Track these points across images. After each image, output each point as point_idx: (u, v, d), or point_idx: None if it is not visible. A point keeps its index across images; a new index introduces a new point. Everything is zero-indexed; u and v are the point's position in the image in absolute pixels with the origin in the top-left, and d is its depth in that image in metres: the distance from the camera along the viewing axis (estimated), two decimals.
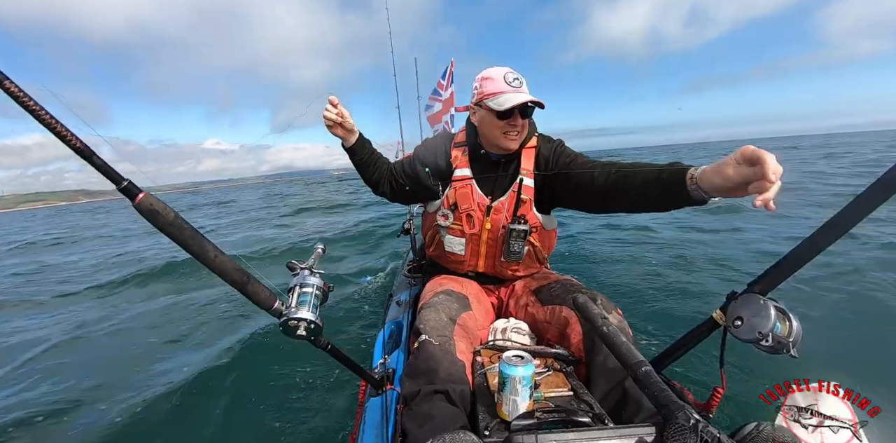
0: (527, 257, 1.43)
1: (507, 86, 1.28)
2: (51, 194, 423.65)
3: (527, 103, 1.25)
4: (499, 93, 1.28)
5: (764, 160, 0.72)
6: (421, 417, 0.92)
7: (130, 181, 0.67)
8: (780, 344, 0.81)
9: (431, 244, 1.57)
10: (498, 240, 1.40)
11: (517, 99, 1.25)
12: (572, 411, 0.88)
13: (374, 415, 1.15)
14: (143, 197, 0.68)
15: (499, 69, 1.32)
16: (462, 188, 1.41)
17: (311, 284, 0.91)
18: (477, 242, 1.43)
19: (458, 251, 1.46)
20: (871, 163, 13.48)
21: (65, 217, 31.69)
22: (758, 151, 0.74)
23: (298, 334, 0.87)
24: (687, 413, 0.67)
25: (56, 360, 3.03)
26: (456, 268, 1.53)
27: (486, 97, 1.31)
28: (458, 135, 1.51)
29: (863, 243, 4.34)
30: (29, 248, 11.21)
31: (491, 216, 1.38)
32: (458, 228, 1.42)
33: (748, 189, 0.76)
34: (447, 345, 1.10)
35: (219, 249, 0.79)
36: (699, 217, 6.38)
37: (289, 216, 12.37)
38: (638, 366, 0.79)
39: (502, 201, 1.38)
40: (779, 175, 0.72)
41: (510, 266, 1.45)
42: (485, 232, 1.40)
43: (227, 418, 2.11)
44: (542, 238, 1.44)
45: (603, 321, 0.93)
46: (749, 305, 0.86)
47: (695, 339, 1.02)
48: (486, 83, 1.32)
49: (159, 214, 0.71)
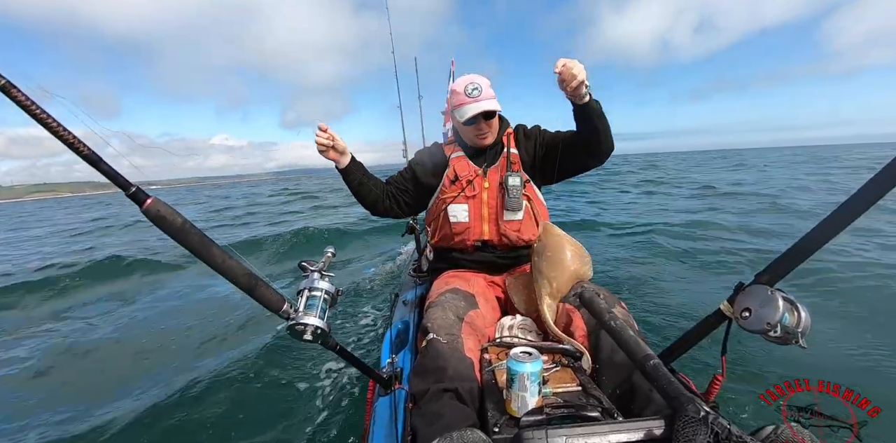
0: (526, 217, 1.53)
1: (467, 97, 1.46)
2: (60, 185, 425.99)
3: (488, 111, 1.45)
4: (460, 105, 1.48)
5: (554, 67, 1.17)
6: (430, 415, 0.93)
7: (138, 187, 0.67)
8: (788, 335, 0.81)
9: (436, 228, 1.62)
10: (498, 199, 1.52)
11: (473, 110, 1.44)
12: (581, 405, 0.88)
13: (383, 414, 1.16)
14: (151, 203, 0.69)
15: (463, 80, 1.50)
16: (459, 162, 1.58)
17: (320, 288, 0.92)
18: (479, 204, 1.53)
19: (463, 218, 1.54)
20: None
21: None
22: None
23: (305, 338, 0.88)
24: (697, 405, 0.67)
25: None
26: (463, 241, 1.55)
27: (453, 109, 1.52)
28: (447, 139, 1.72)
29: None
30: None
31: (488, 177, 1.54)
32: (461, 194, 1.54)
33: (562, 81, 1.19)
34: (455, 343, 1.10)
35: (227, 253, 0.80)
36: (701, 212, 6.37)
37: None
38: (646, 359, 0.79)
39: (495, 167, 1.55)
40: (560, 63, 1.15)
41: (513, 227, 1.52)
42: (484, 192, 1.53)
43: (235, 418, 2.12)
44: (536, 202, 1.56)
45: (609, 315, 0.94)
46: (757, 296, 0.86)
47: (703, 331, 1.01)
48: (453, 96, 1.52)
49: (167, 220, 0.71)
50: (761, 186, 10.79)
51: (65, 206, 42.44)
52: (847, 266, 3.65)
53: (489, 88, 1.48)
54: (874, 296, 3.07)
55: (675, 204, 8.70)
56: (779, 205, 7.30)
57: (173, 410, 2.23)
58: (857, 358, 2.29)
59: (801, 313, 0.82)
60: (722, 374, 0.96)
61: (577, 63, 1.16)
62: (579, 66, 1.15)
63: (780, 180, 12.38)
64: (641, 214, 7.26)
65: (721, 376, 0.96)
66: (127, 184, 0.67)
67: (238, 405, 2.24)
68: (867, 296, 3.08)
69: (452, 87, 1.53)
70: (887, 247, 4.26)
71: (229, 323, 3.47)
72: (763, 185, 11.21)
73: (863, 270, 3.57)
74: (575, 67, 1.15)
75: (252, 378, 2.52)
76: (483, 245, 1.56)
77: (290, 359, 2.71)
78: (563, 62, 1.16)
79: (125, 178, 0.66)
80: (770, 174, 15.31)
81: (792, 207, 7.02)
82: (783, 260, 0.86)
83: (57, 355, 3.13)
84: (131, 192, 0.67)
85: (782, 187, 10.13)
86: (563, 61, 1.16)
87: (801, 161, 21.35)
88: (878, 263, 3.73)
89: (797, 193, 9.11)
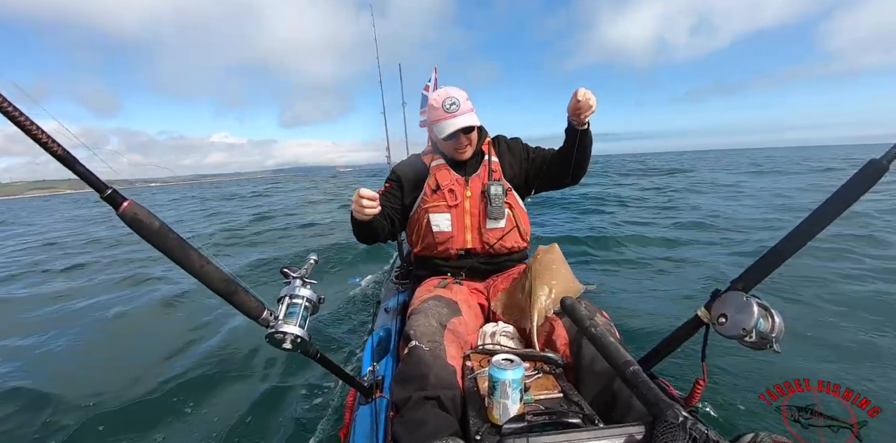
0: (509, 225, 1.55)
1: (445, 113, 1.47)
2: (59, 182, 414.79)
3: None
4: (438, 120, 1.49)
5: (574, 94, 1.24)
6: (412, 423, 0.92)
7: (114, 189, 0.66)
8: (763, 340, 0.83)
9: (418, 237, 1.61)
10: (480, 207, 1.53)
11: (452, 127, 1.45)
12: (563, 412, 0.88)
13: (363, 423, 1.14)
14: (127, 206, 0.67)
15: (440, 94, 1.50)
16: (440, 171, 1.58)
17: (301, 295, 0.90)
18: (461, 213, 1.54)
19: (445, 228, 1.54)
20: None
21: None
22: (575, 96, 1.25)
23: (284, 347, 0.86)
24: (675, 411, 0.68)
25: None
26: (446, 250, 1.55)
27: (432, 124, 1.53)
28: (426, 149, 1.74)
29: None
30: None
31: (469, 185, 1.55)
32: (443, 203, 1.54)
33: (572, 107, 1.28)
34: (437, 350, 1.10)
35: (205, 258, 0.78)
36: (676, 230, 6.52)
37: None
38: (626, 366, 0.80)
39: (476, 175, 1.56)
40: (579, 94, 1.23)
41: (496, 235, 1.53)
42: (466, 200, 1.54)
43: (209, 427, 2.06)
44: (518, 210, 1.58)
45: (590, 323, 0.95)
46: (732, 302, 0.88)
47: (681, 337, 1.03)
48: (431, 111, 1.52)
49: (143, 223, 0.69)
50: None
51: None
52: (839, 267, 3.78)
53: (467, 102, 1.49)
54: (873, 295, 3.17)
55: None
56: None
57: (137, 417, 2.18)
58: (858, 358, 2.35)
59: (775, 319, 0.84)
60: (703, 379, 0.97)
61: (592, 95, 1.26)
62: (594, 98, 1.26)
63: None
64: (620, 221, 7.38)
65: (703, 381, 0.98)
66: (102, 186, 0.65)
67: (211, 415, 2.18)
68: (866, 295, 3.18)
69: (430, 102, 1.53)
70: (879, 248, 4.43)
71: (200, 329, 3.38)
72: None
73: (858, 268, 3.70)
74: (592, 98, 1.25)
75: (226, 386, 2.46)
76: (466, 253, 1.57)
77: (268, 367, 2.65)
78: (583, 92, 1.24)
79: (100, 179, 0.64)
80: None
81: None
82: (757, 267, 0.88)
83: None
84: (107, 194, 0.65)
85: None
86: (584, 91, 1.25)
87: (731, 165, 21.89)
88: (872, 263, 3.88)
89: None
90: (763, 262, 0.87)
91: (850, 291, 3.28)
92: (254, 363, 2.71)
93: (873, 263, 3.94)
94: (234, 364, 2.71)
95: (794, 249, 0.82)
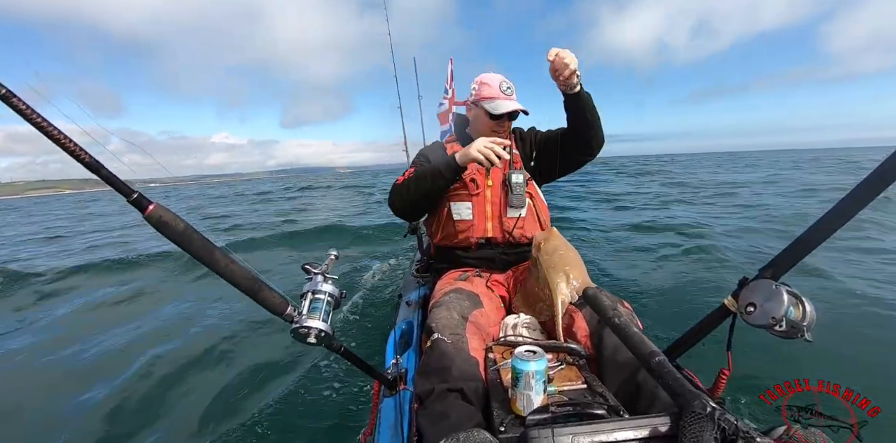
0: (529, 214, 1.55)
1: (501, 93, 1.51)
2: (60, 182, 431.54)
3: (516, 111, 1.50)
4: (493, 98, 1.51)
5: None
6: (436, 415, 0.93)
7: (140, 193, 0.68)
8: (793, 329, 0.80)
9: (438, 226, 1.60)
10: (501, 196, 1.53)
11: (509, 107, 1.49)
12: (587, 403, 0.88)
13: (388, 415, 1.16)
14: (153, 209, 0.69)
15: (494, 76, 1.54)
16: None
17: (323, 291, 0.91)
18: (483, 202, 1.54)
19: (466, 216, 1.54)
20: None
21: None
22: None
23: (309, 341, 0.87)
24: (703, 401, 0.67)
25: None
26: (467, 239, 1.55)
27: (482, 100, 1.54)
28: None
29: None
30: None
31: (491, 175, 1.55)
32: (464, 192, 1.54)
33: (554, 70, 1.22)
34: (460, 343, 1.10)
35: (229, 257, 0.80)
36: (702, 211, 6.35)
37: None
38: (652, 356, 0.79)
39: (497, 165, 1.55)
40: (550, 54, 1.18)
41: (517, 224, 1.53)
42: (488, 189, 1.54)
43: (239, 421, 2.13)
44: (538, 200, 1.59)
45: (614, 313, 0.93)
46: (761, 290, 0.85)
47: (707, 327, 1.01)
48: (483, 88, 1.54)
49: (169, 225, 0.71)
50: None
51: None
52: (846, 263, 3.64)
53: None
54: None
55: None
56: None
57: (173, 411, 2.27)
58: (857, 358, 2.29)
59: (806, 307, 0.81)
60: (728, 369, 0.95)
61: (568, 52, 1.19)
62: (571, 56, 1.19)
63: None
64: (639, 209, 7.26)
65: (727, 371, 0.96)
66: (129, 190, 0.67)
67: (240, 409, 2.25)
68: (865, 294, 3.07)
69: (482, 79, 1.56)
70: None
71: (229, 326, 3.48)
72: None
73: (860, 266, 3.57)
74: (567, 57, 1.18)
75: (255, 382, 2.53)
76: (486, 243, 1.56)
77: (294, 362, 2.72)
78: (555, 51, 1.19)
79: (128, 184, 0.66)
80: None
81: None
82: (787, 254, 0.85)
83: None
84: (133, 198, 0.67)
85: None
86: (556, 51, 1.19)
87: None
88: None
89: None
90: (793, 248, 0.84)
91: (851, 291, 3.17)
92: (279, 360, 2.78)
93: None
94: (260, 361, 2.78)
95: (826, 235, 0.79)
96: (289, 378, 2.51)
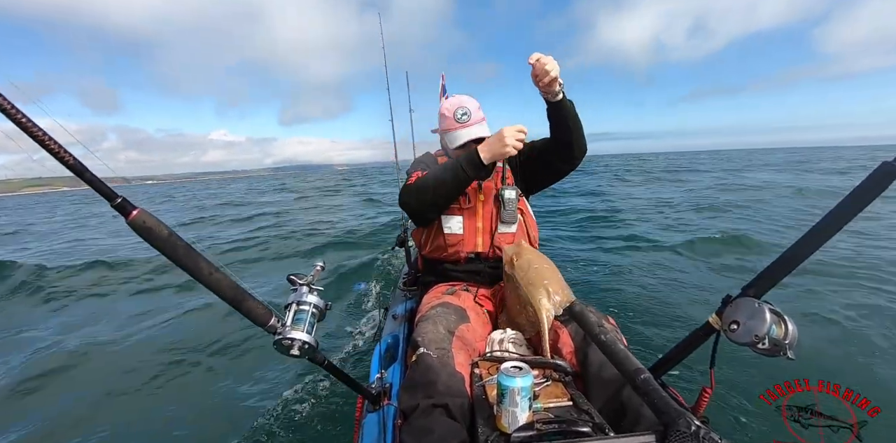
0: (519, 230, 1.55)
1: (456, 123, 1.51)
2: (55, 179, 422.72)
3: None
4: (450, 130, 1.53)
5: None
6: (420, 431, 0.91)
7: (124, 198, 0.66)
8: (776, 347, 0.81)
9: (428, 239, 1.59)
10: (492, 211, 1.53)
11: (464, 137, 1.50)
12: (572, 421, 0.87)
13: (371, 431, 1.13)
14: (136, 214, 0.68)
15: (452, 103, 1.53)
16: None
17: (308, 302, 0.90)
18: (473, 216, 1.53)
19: (457, 230, 1.53)
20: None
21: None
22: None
23: (292, 353, 0.86)
24: (688, 420, 0.67)
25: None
26: (456, 253, 1.54)
27: (443, 132, 1.58)
28: (438, 151, 1.78)
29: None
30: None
31: (482, 190, 1.53)
32: (456, 206, 1.52)
33: (535, 75, 1.20)
34: (446, 357, 1.09)
35: (213, 265, 0.78)
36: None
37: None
38: (637, 373, 0.79)
39: (490, 180, 1.55)
40: (534, 57, 1.15)
41: (506, 240, 1.52)
42: (479, 204, 1.53)
43: (214, 435, 2.06)
44: (528, 216, 1.59)
45: (600, 329, 0.94)
46: (744, 308, 0.86)
47: (692, 344, 1.01)
48: (442, 120, 1.56)
49: (153, 231, 0.70)
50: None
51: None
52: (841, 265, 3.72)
53: (478, 111, 1.51)
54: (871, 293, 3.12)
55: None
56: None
57: (150, 425, 2.18)
58: (856, 358, 2.31)
59: (788, 325, 0.82)
60: (710, 386, 0.95)
61: (550, 59, 1.16)
62: (553, 62, 1.16)
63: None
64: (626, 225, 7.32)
65: (709, 389, 0.96)
66: (112, 194, 0.66)
67: (218, 424, 2.18)
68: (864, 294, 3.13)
69: (441, 111, 1.56)
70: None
71: (210, 336, 3.39)
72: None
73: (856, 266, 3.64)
74: (549, 63, 1.16)
75: (235, 396, 2.46)
76: (476, 257, 1.56)
77: (275, 374, 2.65)
78: (536, 56, 1.16)
79: (111, 188, 0.65)
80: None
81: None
82: (769, 272, 0.86)
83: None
84: (117, 202, 0.66)
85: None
86: (538, 56, 1.16)
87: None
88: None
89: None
90: (775, 267, 0.85)
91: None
92: (261, 373, 2.71)
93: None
94: (241, 374, 2.71)
95: (807, 254, 0.81)
96: (270, 392, 2.44)
